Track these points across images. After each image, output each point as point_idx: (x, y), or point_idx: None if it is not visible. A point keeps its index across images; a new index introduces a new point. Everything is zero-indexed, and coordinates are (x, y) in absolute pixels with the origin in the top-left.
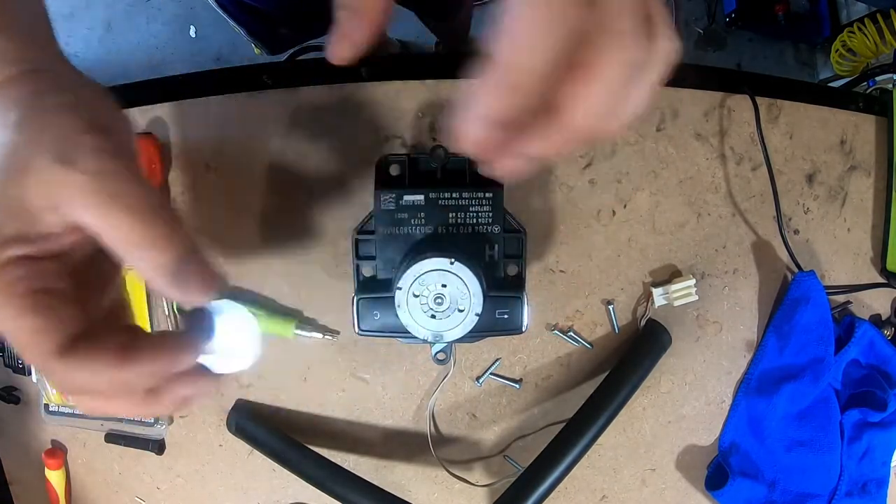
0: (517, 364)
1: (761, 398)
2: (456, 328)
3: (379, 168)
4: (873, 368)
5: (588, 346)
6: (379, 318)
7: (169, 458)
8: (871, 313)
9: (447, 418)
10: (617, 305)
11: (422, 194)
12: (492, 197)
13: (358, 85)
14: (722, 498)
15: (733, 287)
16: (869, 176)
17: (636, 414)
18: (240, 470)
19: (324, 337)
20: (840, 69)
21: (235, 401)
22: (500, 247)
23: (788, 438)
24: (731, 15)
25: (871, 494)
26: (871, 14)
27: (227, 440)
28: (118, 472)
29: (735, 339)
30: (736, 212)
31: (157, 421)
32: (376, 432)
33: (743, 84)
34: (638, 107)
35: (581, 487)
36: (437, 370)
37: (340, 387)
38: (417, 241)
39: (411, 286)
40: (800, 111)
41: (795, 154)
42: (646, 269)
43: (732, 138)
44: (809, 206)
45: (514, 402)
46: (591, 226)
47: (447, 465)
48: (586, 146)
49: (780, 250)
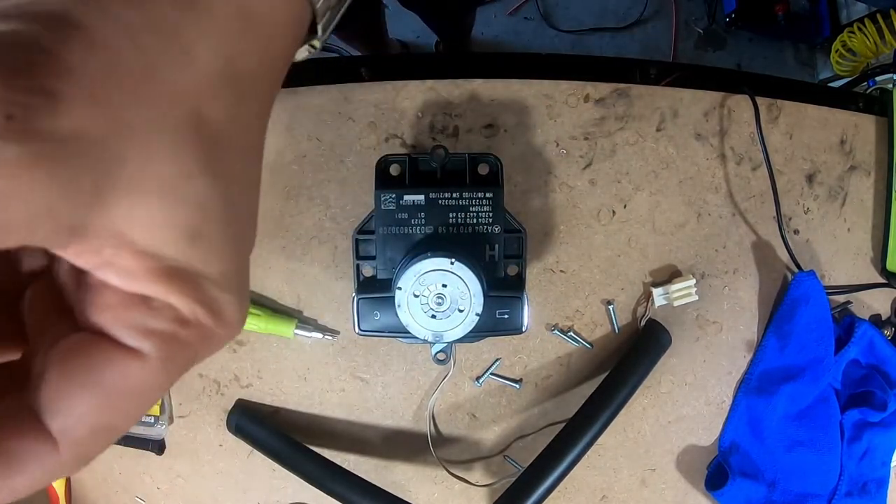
0: (517, 364)
1: (761, 398)
2: (456, 328)
3: (379, 168)
4: (873, 368)
5: (588, 346)
6: (379, 317)
7: (169, 458)
8: (871, 313)
9: (447, 418)
10: (617, 305)
11: (422, 194)
12: (492, 197)
13: (358, 85)
14: (722, 498)
15: (733, 287)
16: (869, 176)
17: (636, 414)
18: (240, 470)
19: (324, 337)
20: (840, 69)
21: (235, 401)
22: (500, 247)
23: (788, 438)
24: (731, 15)
25: (870, 494)
26: (871, 14)
27: (227, 440)
28: (118, 472)
29: (735, 339)
30: (736, 212)
31: (158, 421)
32: (376, 432)
33: (743, 84)
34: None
35: (581, 487)
36: (437, 370)
37: (340, 387)
38: (417, 241)
39: (412, 286)
40: (800, 111)
41: (795, 154)
42: (646, 269)
43: (732, 138)
44: (809, 206)
45: (514, 402)
46: (591, 226)
47: (447, 465)
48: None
49: (780, 250)
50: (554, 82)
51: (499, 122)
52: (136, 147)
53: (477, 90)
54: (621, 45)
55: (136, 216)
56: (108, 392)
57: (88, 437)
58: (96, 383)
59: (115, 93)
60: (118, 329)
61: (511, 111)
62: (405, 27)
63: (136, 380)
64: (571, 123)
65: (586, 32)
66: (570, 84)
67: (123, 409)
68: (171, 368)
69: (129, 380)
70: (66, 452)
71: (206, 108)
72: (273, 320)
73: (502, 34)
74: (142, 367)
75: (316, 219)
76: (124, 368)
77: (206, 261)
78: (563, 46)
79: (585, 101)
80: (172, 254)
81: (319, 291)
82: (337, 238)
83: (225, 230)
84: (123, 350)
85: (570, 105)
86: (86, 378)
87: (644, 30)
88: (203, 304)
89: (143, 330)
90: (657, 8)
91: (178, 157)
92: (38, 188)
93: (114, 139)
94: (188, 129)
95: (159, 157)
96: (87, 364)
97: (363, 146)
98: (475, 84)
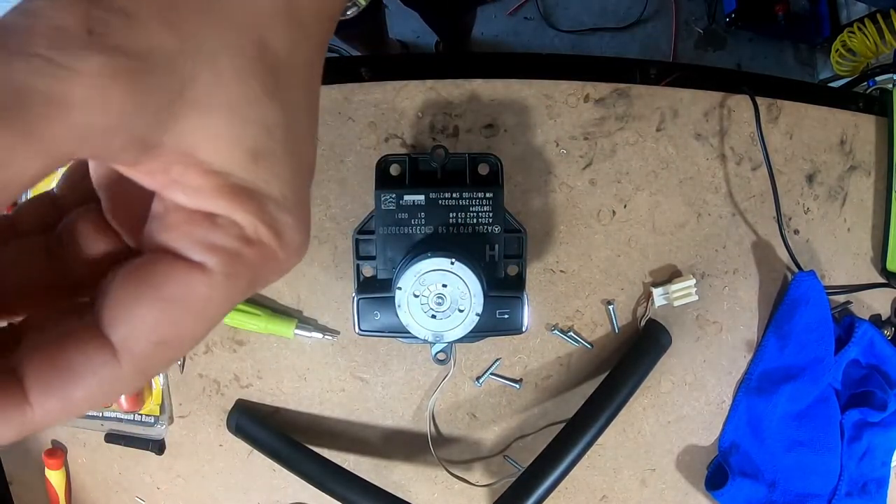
0: (517, 364)
1: (761, 398)
2: (456, 328)
3: (379, 168)
4: (873, 368)
5: (588, 346)
6: (379, 317)
7: (169, 458)
8: (871, 313)
9: (447, 418)
10: (617, 305)
11: (422, 194)
12: (492, 197)
13: (358, 85)
14: (722, 498)
15: (733, 287)
16: (869, 176)
17: (636, 414)
18: (240, 470)
19: (324, 337)
20: (840, 69)
21: (235, 401)
22: (500, 247)
23: (788, 438)
24: (731, 15)
25: (870, 494)
26: (871, 14)
27: (227, 440)
28: (118, 472)
29: (735, 339)
30: (736, 212)
31: (158, 421)
32: (376, 432)
33: (743, 84)
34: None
35: (581, 487)
36: (437, 370)
37: (340, 387)
38: (417, 241)
39: (412, 286)
40: (800, 111)
41: (795, 154)
42: (646, 269)
43: (732, 138)
44: (809, 206)
45: (514, 402)
46: (591, 226)
47: (447, 465)
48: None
49: (780, 250)
50: (554, 82)
51: (499, 122)
52: (206, 67)
53: (477, 90)
54: (621, 45)
55: (204, 134)
56: (171, 305)
57: (150, 351)
58: (160, 296)
59: (185, 15)
60: (184, 244)
61: (511, 111)
62: (405, 27)
63: (199, 294)
64: (571, 123)
65: (586, 32)
66: (570, 84)
67: (186, 325)
68: (234, 286)
69: (192, 294)
70: (127, 365)
71: (269, 37)
72: (273, 320)
73: (502, 34)
74: (206, 282)
75: (316, 219)
76: (189, 281)
77: (268, 181)
78: (563, 46)
79: (585, 101)
80: (238, 171)
81: (319, 291)
82: (337, 238)
83: (286, 153)
84: (188, 264)
85: (570, 105)
86: (149, 291)
87: (644, 30)
88: (266, 223)
89: (208, 245)
90: (657, 8)
91: (243, 80)
92: (116, 99)
93: (184, 59)
94: (253, 55)
95: (226, 78)
96: (152, 278)
97: (363, 146)
98: (475, 84)
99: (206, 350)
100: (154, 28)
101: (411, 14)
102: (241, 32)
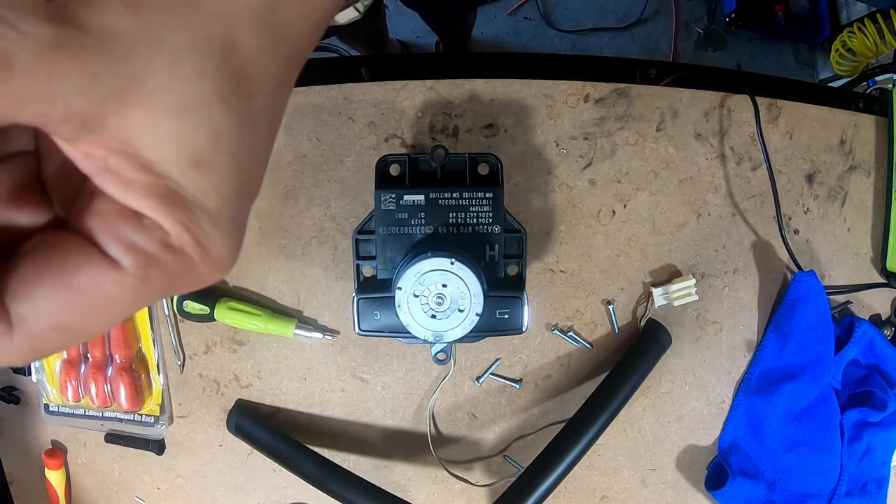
0: (517, 364)
1: (761, 398)
2: (456, 328)
3: (379, 168)
4: (873, 368)
5: (588, 346)
6: (379, 317)
7: (169, 458)
8: (871, 313)
9: (447, 418)
10: (617, 305)
11: (422, 194)
12: (492, 197)
13: (358, 85)
14: (722, 498)
15: (733, 287)
16: (869, 176)
17: (636, 414)
18: (240, 470)
19: (323, 337)
20: (840, 69)
21: (235, 401)
22: (500, 247)
23: (788, 438)
24: (731, 15)
25: (870, 494)
26: (871, 14)
27: (227, 440)
28: (118, 472)
29: (735, 339)
30: (736, 212)
31: (158, 421)
32: (376, 432)
33: (743, 84)
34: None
35: (581, 487)
36: (437, 370)
37: (340, 387)
38: (417, 241)
39: (412, 286)
40: (800, 111)
41: (795, 154)
42: (646, 269)
43: (732, 138)
44: (809, 206)
45: (514, 402)
46: (591, 226)
47: (447, 465)
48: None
49: (780, 250)
50: (554, 82)
51: (499, 122)
52: (163, 60)
53: (477, 90)
54: (621, 45)
55: (148, 129)
56: (77, 296)
57: (46, 333)
58: (67, 284)
59: (153, 3)
60: (105, 236)
61: (511, 111)
62: (405, 27)
63: (106, 291)
64: (571, 123)
65: (586, 32)
66: (569, 84)
67: (86, 316)
68: (144, 291)
69: (100, 288)
70: (19, 340)
71: (238, 39)
72: (273, 320)
73: (502, 34)
74: (116, 280)
75: (316, 219)
76: (98, 275)
77: (205, 192)
78: (563, 46)
79: (585, 101)
80: (175, 175)
81: (319, 291)
82: (337, 238)
83: (231, 165)
84: (103, 258)
85: (569, 105)
86: (58, 276)
87: (644, 30)
88: (193, 234)
89: (127, 244)
90: (657, 8)
91: (200, 80)
92: (60, 71)
93: (142, 46)
94: (217, 55)
95: (183, 75)
96: (64, 263)
97: (363, 146)
98: (475, 84)
99: (206, 350)
100: (117, 9)
101: (411, 14)
102: (208, 28)
